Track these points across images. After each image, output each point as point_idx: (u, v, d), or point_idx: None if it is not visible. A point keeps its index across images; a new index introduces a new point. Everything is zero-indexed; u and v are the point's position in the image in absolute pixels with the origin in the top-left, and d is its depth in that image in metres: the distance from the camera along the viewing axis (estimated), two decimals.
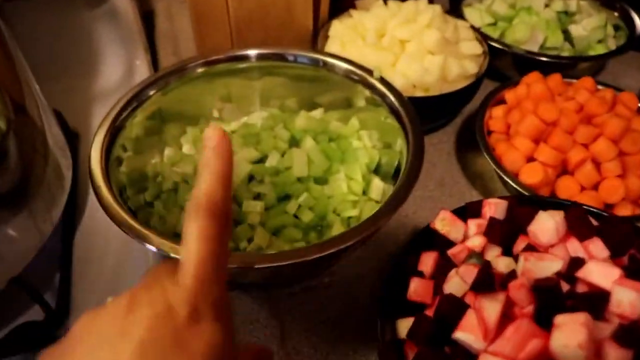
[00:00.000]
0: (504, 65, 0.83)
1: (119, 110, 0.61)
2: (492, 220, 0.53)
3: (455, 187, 0.72)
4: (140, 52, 0.88)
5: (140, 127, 0.63)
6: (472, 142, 0.71)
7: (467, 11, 0.87)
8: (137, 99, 0.62)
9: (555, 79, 0.72)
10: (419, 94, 0.71)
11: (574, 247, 0.49)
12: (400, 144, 0.61)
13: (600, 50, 0.83)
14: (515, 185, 0.63)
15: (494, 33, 0.85)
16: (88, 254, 0.65)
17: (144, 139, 0.64)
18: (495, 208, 0.54)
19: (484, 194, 0.71)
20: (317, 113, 0.70)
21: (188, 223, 0.32)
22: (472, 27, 0.80)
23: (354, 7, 0.83)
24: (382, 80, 0.65)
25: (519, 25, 0.81)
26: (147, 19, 1.02)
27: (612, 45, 0.85)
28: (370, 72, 0.65)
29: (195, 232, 0.32)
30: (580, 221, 0.50)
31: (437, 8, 0.77)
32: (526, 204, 0.55)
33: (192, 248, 0.31)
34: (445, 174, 0.74)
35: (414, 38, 0.73)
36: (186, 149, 0.68)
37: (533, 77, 0.72)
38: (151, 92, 0.63)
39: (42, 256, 0.59)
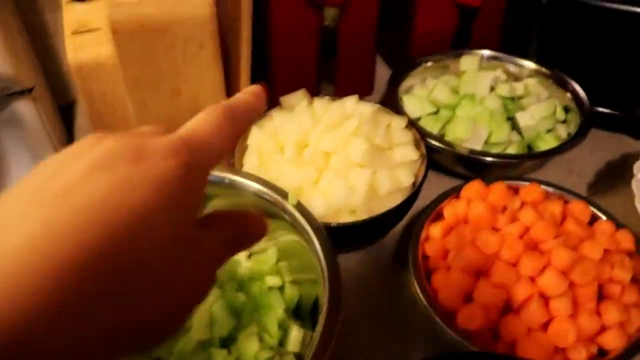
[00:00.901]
0: (448, 162, 0.75)
1: None
2: None
3: (392, 316, 0.64)
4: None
5: None
6: None
7: (406, 99, 0.79)
8: None
9: (499, 190, 0.64)
10: (345, 217, 0.63)
11: None
12: (317, 278, 0.53)
13: (549, 140, 0.75)
14: (450, 332, 0.55)
15: (435, 125, 0.77)
16: None
17: None
18: None
19: (424, 321, 0.63)
20: None
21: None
22: (410, 123, 0.72)
23: (278, 103, 0.75)
24: (299, 206, 0.57)
25: (460, 121, 0.73)
26: (69, 109, 0.94)
27: (563, 132, 0.78)
28: (285, 195, 0.58)
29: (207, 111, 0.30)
30: None
31: (366, 110, 0.69)
32: None
33: (198, 117, 0.30)
34: (380, 298, 0.65)
35: (340, 149, 0.65)
36: None
37: (473, 190, 0.64)
38: None
39: None
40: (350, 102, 0.70)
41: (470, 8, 0.87)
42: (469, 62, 0.82)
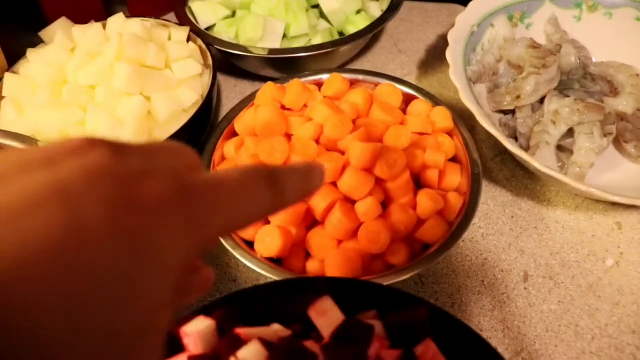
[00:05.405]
0: (250, 66, 0.66)
1: None
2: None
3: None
4: None
5: None
6: None
7: (196, 7, 0.69)
8: None
9: (294, 90, 0.56)
10: None
11: None
12: None
13: (359, 22, 0.67)
14: (248, 264, 0.48)
15: (231, 29, 0.67)
16: None
17: None
18: (197, 340, 0.39)
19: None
20: None
21: None
22: (195, 32, 0.62)
23: (41, 41, 0.63)
24: None
25: (250, 19, 0.64)
26: None
27: (376, 9, 0.70)
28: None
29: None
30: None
31: (135, 28, 0.58)
32: (252, 304, 0.40)
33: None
34: None
35: (102, 79, 0.55)
36: None
37: (266, 95, 0.56)
38: None
39: None
40: (115, 23, 0.60)
41: None
42: None
